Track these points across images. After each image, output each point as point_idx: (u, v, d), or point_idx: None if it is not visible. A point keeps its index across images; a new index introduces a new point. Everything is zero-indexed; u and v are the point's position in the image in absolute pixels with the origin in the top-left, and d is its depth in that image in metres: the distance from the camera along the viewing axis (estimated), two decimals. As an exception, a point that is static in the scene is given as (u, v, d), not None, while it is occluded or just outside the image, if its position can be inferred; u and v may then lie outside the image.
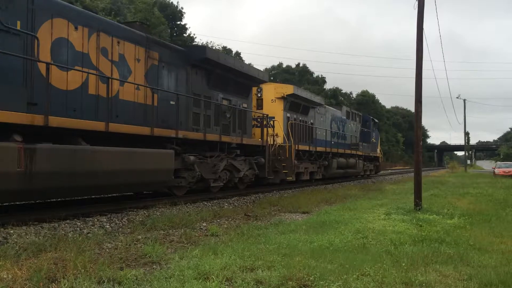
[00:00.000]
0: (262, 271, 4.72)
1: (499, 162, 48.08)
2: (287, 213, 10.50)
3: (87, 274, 4.42)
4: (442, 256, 5.64)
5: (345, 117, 25.42)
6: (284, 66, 72.59)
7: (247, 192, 14.38)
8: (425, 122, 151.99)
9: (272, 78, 63.34)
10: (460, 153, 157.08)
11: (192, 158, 11.27)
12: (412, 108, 71.41)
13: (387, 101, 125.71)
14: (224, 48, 51.75)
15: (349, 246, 6.18)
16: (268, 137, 15.24)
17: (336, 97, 70.12)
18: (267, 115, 15.42)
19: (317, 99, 20.65)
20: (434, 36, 16.27)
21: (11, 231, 6.58)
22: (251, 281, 4.35)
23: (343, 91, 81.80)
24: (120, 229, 7.59)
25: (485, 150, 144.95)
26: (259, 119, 15.40)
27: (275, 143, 16.05)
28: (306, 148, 18.78)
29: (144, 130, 9.55)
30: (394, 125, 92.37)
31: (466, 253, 5.90)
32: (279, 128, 16.59)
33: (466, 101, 51.97)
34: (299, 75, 70.25)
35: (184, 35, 46.89)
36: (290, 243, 6.25)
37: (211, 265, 4.78)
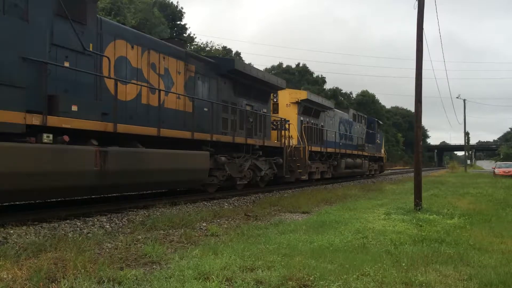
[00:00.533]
0: (262, 271, 4.72)
1: (499, 162, 48.08)
2: (287, 213, 10.50)
3: (87, 274, 4.42)
4: (442, 256, 5.64)
5: (351, 120, 26.73)
6: (284, 66, 72.64)
7: (247, 192, 14.40)
8: (425, 122, 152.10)
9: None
10: (460, 153, 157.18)
11: (223, 158, 12.64)
12: (412, 108, 71.45)
13: (387, 101, 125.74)
14: (224, 48, 51.72)
15: (349, 246, 6.17)
16: (285, 139, 16.63)
17: (336, 97, 70.11)
18: (285, 119, 16.88)
19: (327, 103, 22.11)
20: (433, 36, 16.23)
21: (11, 231, 6.58)
22: (251, 281, 4.35)
23: (343, 91, 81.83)
24: (120, 229, 7.59)
25: (485, 150, 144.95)
26: (275, 123, 16.81)
27: (290, 144, 17.18)
28: (318, 149, 20.11)
29: (186, 134, 10.99)
30: (394, 125, 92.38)
31: (466, 253, 5.90)
32: (294, 130, 17.76)
33: (466, 101, 52.01)
34: (299, 75, 70.26)
35: (184, 35, 46.89)
36: (290, 243, 6.25)
37: (211, 265, 4.78)
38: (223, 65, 13.28)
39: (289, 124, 17.08)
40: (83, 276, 4.32)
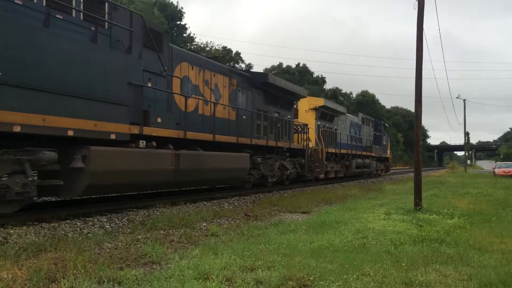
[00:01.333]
0: (262, 271, 4.72)
1: (499, 162, 48.09)
2: (287, 213, 10.50)
3: (87, 274, 4.42)
4: (442, 256, 5.64)
5: (360, 123, 28.75)
6: (284, 66, 72.68)
7: (247, 192, 14.44)
8: (425, 122, 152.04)
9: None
10: (460, 153, 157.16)
11: (259, 159, 14.70)
12: (412, 108, 71.44)
13: (387, 101, 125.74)
14: (224, 48, 51.72)
15: (349, 246, 6.18)
16: (306, 142, 18.69)
17: (336, 97, 70.14)
18: (307, 124, 18.97)
19: (340, 108, 24.36)
20: (431, 36, 16.35)
21: (11, 231, 6.58)
22: (251, 281, 4.35)
23: (343, 91, 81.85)
24: (120, 229, 7.59)
25: (485, 150, 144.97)
26: (297, 127, 18.71)
27: (310, 146, 19.07)
28: (333, 150, 22.22)
29: (232, 139, 12.91)
30: (394, 125, 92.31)
31: (466, 253, 5.90)
32: (312, 134, 19.82)
33: (466, 101, 52.01)
34: (299, 75, 70.28)
35: (184, 35, 46.90)
36: (290, 243, 6.25)
37: (211, 265, 4.78)
38: (258, 79, 15.30)
39: (308, 128, 19.03)
40: (83, 276, 4.32)
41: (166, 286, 4.17)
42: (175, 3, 47.94)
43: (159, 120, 9.96)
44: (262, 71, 27.67)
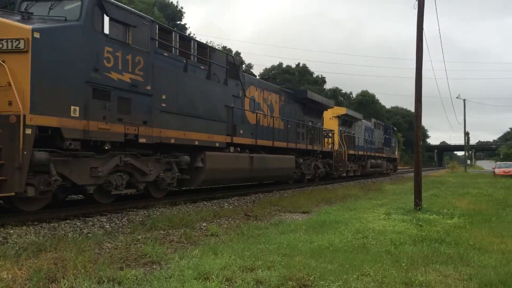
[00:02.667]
0: (262, 271, 4.72)
1: (499, 162, 48.08)
2: (287, 213, 10.50)
3: (87, 274, 4.42)
4: (442, 256, 5.64)
5: (373, 127, 31.97)
6: (284, 66, 72.66)
7: (247, 192, 14.47)
8: (425, 122, 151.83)
9: (272, 78, 63.22)
10: (460, 153, 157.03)
11: (300, 160, 18.11)
12: (412, 108, 71.44)
13: (387, 101, 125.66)
14: (224, 48, 51.72)
15: (349, 246, 6.17)
16: (333, 145, 22.28)
17: (336, 97, 70.12)
18: (332, 130, 22.64)
19: (358, 115, 27.96)
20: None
21: (11, 231, 6.58)
22: (251, 281, 4.35)
23: (343, 91, 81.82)
24: (120, 229, 7.59)
25: (485, 150, 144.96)
26: (324, 132, 21.85)
27: (334, 149, 22.46)
28: (353, 152, 25.43)
29: (284, 144, 16.34)
30: (394, 125, 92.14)
31: (466, 253, 5.90)
32: (336, 138, 23.09)
33: (466, 101, 52.01)
34: (299, 75, 70.24)
35: (184, 35, 46.90)
36: (290, 243, 6.25)
37: (211, 265, 4.78)
38: (299, 94, 18.88)
39: (333, 133, 22.55)
40: (83, 276, 4.32)
41: (166, 286, 4.17)
42: (175, 3, 48.00)
43: (241, 131, 13.50)
44: (303, 88, 31.69)
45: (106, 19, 8.46)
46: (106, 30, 8.49)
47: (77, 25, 7.98)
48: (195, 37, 49.75)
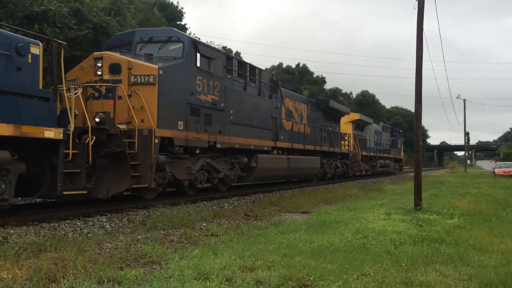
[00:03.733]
0: (262, 271, 4.72)
1: (499, 162, 48.05)
2: (287, 213, 10.50)
3: (87, 274, 4.42)
4: (442, 256, 5.64)
5: (381, 130, 34.65)
6: (284, 66, 72.59)
7: (247, 192, 14.47)
8: (425, 122, 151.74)
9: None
10: (460, 153, 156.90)
11: (324, 161, 21.04)
12: (412, 108, 71.42)
13: (387, 101, 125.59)
14: (224, 48, 51.71)
15: (349, 246, 6.17)
16: (349, 147, 25.10)
17: (336, 97, 70.10)
18: (349, 134, 25.55)
19: (369, 120, 30.78)
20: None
21: (11, 231, 6.59)
22: (251, 281, 4.35)
23: (343, 91, 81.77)
24: (120, 229, 7.59)
25: (485, 150, 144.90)
26: (341, 136, 24.45)
27: (350, 151, 25.11)
28: (365, 153, 28.38)
29: (311, 147, 19.15)
30: (394, 125, 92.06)
31: (466, 253, 5.90)
32: (351, 141, 25.88)
33: (466, 101, 52.00)
34: (299, 75, 70.21)
35: (184, 35, 46.82)
36: (290, 243, 6.25)
37: (211, 265, 4.78)
38: (322, 104, 21.80)
39: (348, 137, 25.31)
40: (83, 276, 4.32)
41: (166, 286, 4.17)
42: (175, 3, 47.94)
43: (281, 137, 16.17)
44: (326, 98, 34.15)
45: (198, 55, 11.28)
46: (198, 64, 11.29)
47: (182, 62, 10.74)
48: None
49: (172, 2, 47.57)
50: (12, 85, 6.90)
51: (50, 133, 7.30)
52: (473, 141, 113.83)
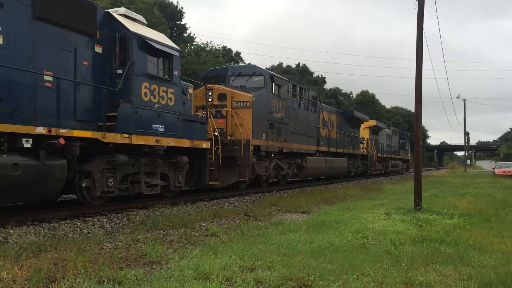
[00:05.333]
0: (262, 271, 4.72)
1: (498, 162, 48.07)
2: (287, 213, 10.50)
3: (87, 274, 4.42)
4: (442, 256, 5.64)
5: (391, 133, 39.10)
6: (284, 66, 72.56)
7: (247, 192, 14.46)
8: (425, 122, 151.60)
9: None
10: (460, 153, 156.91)
11: (349, 161, 25.22)
12: (412, 108, 71.43)
13: (387, 101, 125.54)
14: (224, 48, 51.68)
15: (349, 246, 6.17)
16: (367, 150, 29.19)
17: (336, 97, 70.10)
18: (367, 138, 29.52)
19: (382, 125, 35.40)
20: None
21: (11, 231, 6.59)
22: (251, 281, 4.35)
23: (343, 91, 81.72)
24: (120, 229, 7.59)
25: (485, 150, 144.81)
26: (361, 140, 28.50)
27: (367, 152, 29.16)
28: (379, 155, 32.85)
29: (341, 150, 23.24)
30: (394, 125, 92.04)
31: (466, 253, 5.90)
32: (368, 144, 29.69)
33: (466, 101, 51.98)
34: (299, 75, 70.20)
35: (184, 35, 46.85)
36: (290, 243, 6.25)
37: (211, 265, 4.78)
38: (347, 113, 26.29)
39: (366, 141, 29.22)
40: (83, 276, 4.32)
41: (166, 286, 4.17)
42: (175, 3, 47.94)
43: (321, 142, 20.29)
44: (351, 109, 37.93)
45: (273, 84, 15.70)
46: (273, 91, 15.69)
47: (265, 90, 15.10)
48: (195, 37, 49.51)
49: (172, 2, 47.59)
50: (190, 115, 11.37)
51: (205, 145, 11.52)
52: (473, 141, 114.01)
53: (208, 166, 11.70)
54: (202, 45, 44.87)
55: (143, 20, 10.53)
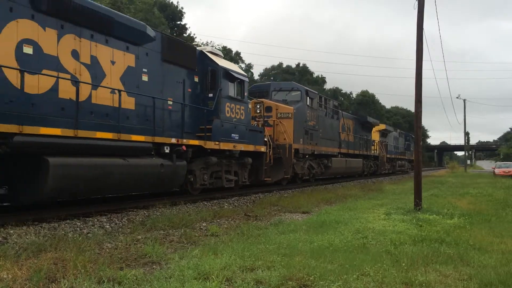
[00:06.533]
0: (262, 271, 4.72)
1: (498, 162, 48.10)
2: (287, 213, 10.50)
3: (87, 274, 4.42)
4: (442, 256, 5.63)
5: (398, 136, 42.00)
6: (284, 66, 72.64)
7: (247, 192, 14.47)
8: (425, 122, 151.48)
9: (272, 78, 63.63)
10: (460, 153, 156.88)
11: (364, 162, 28.34)
12: (412, 108, 71.42)
13: (388, 101, 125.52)
14: (224, 48, 51.69)
15: (349, 246, 6.17)
16: (378, 151, 32.47)
17: (336, 97, 70.14)
18: (377, 141, 32.51)
19: (391, 129, 39.81)
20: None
21: (11, 231, 6.58)
22: (251, 281, 4.35)
23: (343, 91, 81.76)
24: (120, 229, 7.59)
25: (485, 150, 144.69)
26: (373, 143, 31.81)
27: (377, 154, 32.30)
28: (388, 156, 36.22)
29: (357, 152, 26.68)
30: (394, 125, 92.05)
31: (466, 253, 5.90)
32: (378, 146, 32.62)
33: (466, 101, 51.97)
34: (299, 75, 70.23)
35: (184, 35, 46.84)
36: (290, 243, 6.25)
37: (211, 265, 4.78)
38: (361, 119, 29.33)
39: (377, 143, 32.44)
40: (83, 276, 4.32)
41: (166, 286, 4.17)
42: (175, 3, 47.93)
43: (342, 145, 23.54)
44: (364, 114, 40.26)
45: (308, 98, 19.07)
46: (308, 103, 19.12)
47: (302, 103, 18.50)
48: (195, 37, 49.52)
49: (172, 2, 47.59)
50: (252, 126, 14.81)
51: (263, 148, 14.67)
52: (473, 141, 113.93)
53: (264, 165, 14.90)
54: (202, 45, 44.87)
55: (220, 53, 13.45)
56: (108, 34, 9.03)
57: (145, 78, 9.96)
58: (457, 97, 51.94)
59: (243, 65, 55.41)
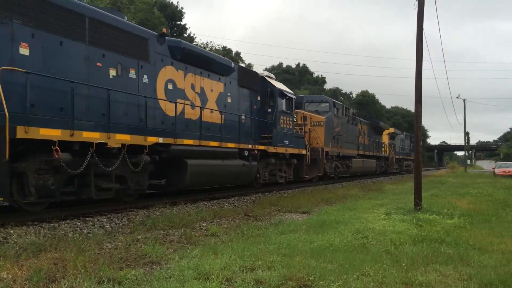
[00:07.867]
0: (262, 271, 4.72)
1: (499, 162, 48.06)
2: (287, 213, 10.50)
3: (87, 274, 4.42)
4: (442, 256, 5.64)
5: (404, 138, 45.18)
6: (284, 66, 72.69)
7: (247, 192, 14.47)
8: (425, 122, 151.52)
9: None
10: (460, 153, 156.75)
11: (377, 162, 32.06)
12: (412, 108, 71.41)
13: (388, 101, 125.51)
14: (224, 48, 51.69)
15: (349, 246, 6.17)
16: (387, 153, 35.57)
17: (336, 97, 70.15)
18: (386, 143, 35.40)
19: (399, 132, 42.87)
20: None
21: (11, 231, 6.58)
22: (251, 281, 4.35)
23: (343, 91, 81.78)
24: (120, 229, 7.59)
25: (485, 150, 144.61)
26: (382, 145, 34.87)
27: (387, 155, 35.50)
28: (397, 156, 39.63)
29: (372, 153, 30.81)
30: (394, 125, 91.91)
31: (466, 253, 5.90)
32: (388, 148, 35.71)
33: (466, 101, 51.98)
34: (299, 75, 70.28)
35: (184, 35, 46.84)
36: (290, 243, 6.25)
37: (211, 265, 4.78)
38: (374, 123, 32.51)
39: (386, 145, 35.43)
40: (83, 276, 4.32)
41: (166, 286, 4.17)
42: (175, 3, 47.93)
43: (360, 148, 27.03)
44: (376, 119, 44.04)
45: (335, 108, 22.75)
46: (335, 113, 22.69)
47: (330, 113, 22.21)
48: (195, 37, 49.46)
49: (172, 2, 47.59)
50: (298, 134, 18.33)
51: (304, 151, 18.20)
52: (473, 141, 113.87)
53: (304, 165, 18.33)
54: (202, 46, 44.89)
55: (272, 75, 17.47)
56: (210, 70, 12.47)
57: (229, 100, 13.49)
58: (457, 97, 51.93)
59: (243, 65, 55.32)
